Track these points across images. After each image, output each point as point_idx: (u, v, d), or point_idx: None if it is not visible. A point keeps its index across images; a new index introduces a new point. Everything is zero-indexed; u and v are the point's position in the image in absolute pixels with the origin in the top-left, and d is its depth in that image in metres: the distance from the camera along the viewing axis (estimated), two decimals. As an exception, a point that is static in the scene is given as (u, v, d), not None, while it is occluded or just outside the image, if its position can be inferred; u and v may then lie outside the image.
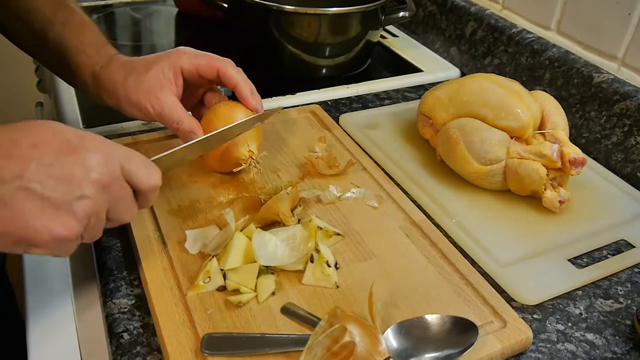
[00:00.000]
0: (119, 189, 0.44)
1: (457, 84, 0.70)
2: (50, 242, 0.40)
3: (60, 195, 0.40)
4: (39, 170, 0.39)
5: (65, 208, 0.40)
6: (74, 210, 0.41)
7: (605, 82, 0.75)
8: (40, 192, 0.39)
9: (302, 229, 0.55)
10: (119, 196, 0.44)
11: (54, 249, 0.41)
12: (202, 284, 0.50)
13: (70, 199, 0.40)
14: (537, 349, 0.50)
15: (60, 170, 0.40)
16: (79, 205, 0.41)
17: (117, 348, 0.47)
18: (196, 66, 0.60)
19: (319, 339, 0.43)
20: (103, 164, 0.42)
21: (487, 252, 0.58)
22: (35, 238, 0.39)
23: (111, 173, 0.43)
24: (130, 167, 0.45)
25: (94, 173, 0.41)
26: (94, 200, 0.42)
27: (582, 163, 0.62)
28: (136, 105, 0.59)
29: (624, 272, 0.59)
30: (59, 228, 0.40)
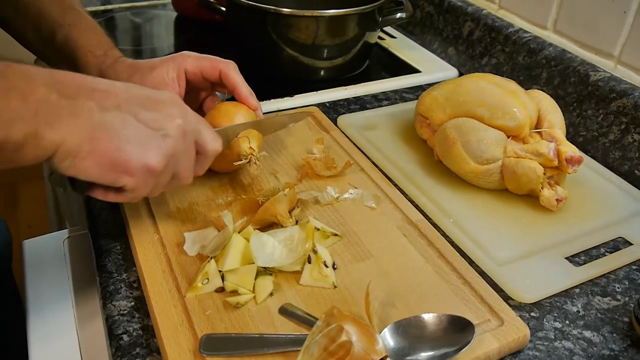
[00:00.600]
0: (190, 143, 0.49)
1: (454, 84, 0.70)
2: (139, 170, 0.45)
3: (150, 130, 0.45)
4: (133, 106, 0.45)
5: (154, 141, 0.45)
6: (160, 146, 0.45)
7: (602, 80, 0.75)
8: (134, 124, 0.44)
9: (299, 230, 0.55)
10: (188, 150, 0.49)
11: (140, 179, 0.45)
12: (200, 286, 0.50)
13: (159, 134, 0.45)
14: (534, 347, 0.50)
15: (150, 109, 0.46)
16: (164, 142, 0.46)
17: (116, 349, 0.48)
18: (200, 68, 0.62)
19: (316, 338, 0.43)
20: (183, 115, 0.48)
21: (485, 251, 0.59)
22: (128, 162, 0.44)
23: (188, 125, 0.48)
24: (201, 128, 0.50)
25: (178, 119, 0.47)
26: (175, 141, 0.47)
27: (578, 161, 0.62)
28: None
29: (622, 269, 0.59)
30: (148, 157, 0.45)
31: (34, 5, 0.64)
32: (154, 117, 0.46)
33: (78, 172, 0.43)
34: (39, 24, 0.64)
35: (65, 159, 0.42)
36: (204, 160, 0.52)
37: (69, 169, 0.42)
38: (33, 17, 0.64)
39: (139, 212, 0.59)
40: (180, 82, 0.62)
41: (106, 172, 0.43)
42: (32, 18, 0.64)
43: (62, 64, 0.65)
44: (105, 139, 0.42)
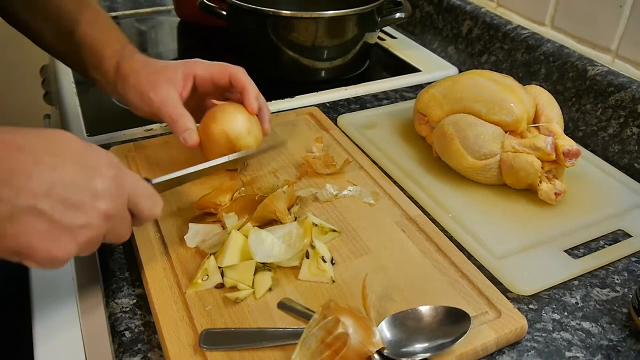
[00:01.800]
0: (121, 218, 0.46)
1: (452, 81, 0.71)
2: (45, 261, 0.42)
3: (66, 221, 0.41)
4: (54, 193, 0.41)
5: (68, 233, 0.42)
6: (76, 237, 0.42)
7: (600, 74, 0.75)
8: (50, 215, 0.41)
9: (297, 226, 0.56)
10: (119, 224, 0.46)
11: (47, 265, 0.42)
12: (200, 282, 0.51)
13: (76, 225, 0.42)
14: (532, 338, 0.51)
15: (72, 196, 0.42)
16: (81, 233, 0.42)
17: (119, 346, 0.49)
18: (210, 73, 0.64)
19: (312, 331, 0.44)
20: (112, 196, 0.44)
21: (483, 245, 0.59)
22: (33, 255, 0.41)
23: (118, 205, 0.45)
24: (137, 198, 0.47)
25: (103, 204, 0.43)
26: (97, 228, 0.43)
27: (576, 154, 0.62)
28: (141, 92, 0.62)
29: (621, 261, 0.59)
30: (58, 251, 0.41)
31: (53, 5, 0.66)
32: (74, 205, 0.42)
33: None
34: (58, 23, 0.66)
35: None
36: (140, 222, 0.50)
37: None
38: (52, 16, 0.66)
39: (141, 212, 0.60)
40: (185, 84, 0.64)
41: (9, 256, 0.41)
42: (51, 17, 0.66)
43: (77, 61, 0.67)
44: (12, 234, 0.40)
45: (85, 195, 0.42)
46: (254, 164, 0.69)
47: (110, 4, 1.25)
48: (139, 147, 0.71)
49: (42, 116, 1.13)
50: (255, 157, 0.68)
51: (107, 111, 0.84)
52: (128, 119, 0.79)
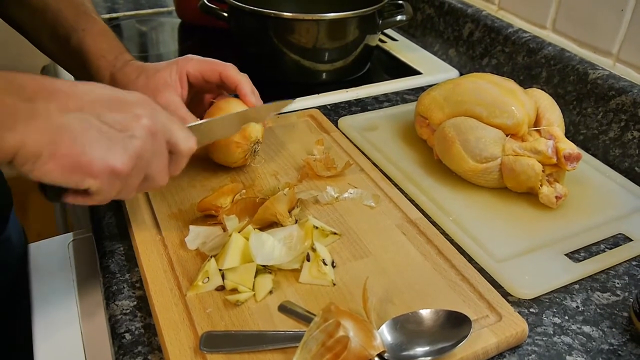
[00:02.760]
0: (160, 144, 0.48)
1: (453, 84, 0.71)
2: (103, 172, 0.43)
3: (114, 132, 0.44)
4: (97, 108, 0.43)
5: (119, 143, 0.44)
6: (127, 147, 0.44)
7: (601, 78, 0.75)
8: (98, 125, 0.43)
9: (298, 229, 0.56)
10: (159, 150, 0.48)
11: (105, 182, 0.44)
12: (201, 284, 0.51)
13: (124, 136, 0.44)
14: (533, 342, 0.50)
15: (115, 110, 0.44)
16: (130, 143, 0.44)
17: (119, 348, 0.49)
18: (200, 70, 0.64)
19: (313, 334, 0.44)
20: (150, 115, 0.46)
21: (484, 248, 0.59)
22: (90, 166, 0.42)
23: (157, 125, 0.47)
24: (173, 128, 0.49)
25: (145, 119, 0.46)
26: (143, 142, 0.45)
27: (577, 158, 0.62)
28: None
29: (622, 265, 0.59)
30: (112, 159, 0.43)
31: (51, 11, 0.66)
32: (119, 119, 0.44)
33: (40, 176, 0.42)
34: (55, 29, 0.66)
35: (25, 163, 0.41)
36: (178, 160, 0.51)
37: (31, 173, 0.41)
38: (49, 22, 0.66)
39: (141, 214, 0.60)
40: (182, 83, 0.64)
41: (69, 175, 0.42)
42: (48, 23, 0.66)
43: (76, 68, 0.68)
44: (67, 141, 0.41)
45: (127, 114, 0.45)
46: (253, 165, 0.69)
47: (111, 5, 1.25)
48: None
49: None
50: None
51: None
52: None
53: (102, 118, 0.43)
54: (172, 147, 0.49)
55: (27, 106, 0.41)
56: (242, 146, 0.63)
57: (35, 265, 0.61)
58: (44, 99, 0.41)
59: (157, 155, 0.47)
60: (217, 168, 0.68)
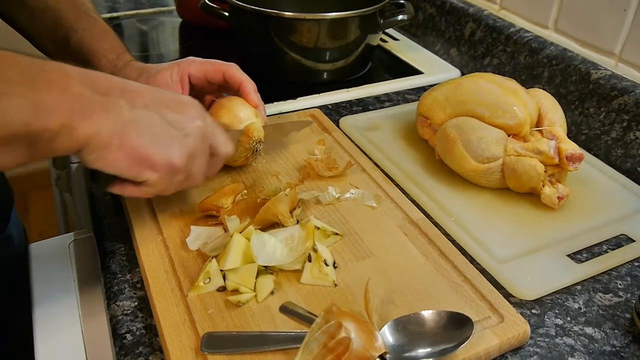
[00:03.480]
0: (206, 145, 0.52)
1: (454, 84, 0.70)
2: (163, 166, 0.47)
3: (174, 129, 0.48)
4: (160, 107, 0.48)
5: (177, 140, 0.48)
6: (183, 145, 0.48)
7: (603, 78, 0.75)
8: (161, 122, 0.47)
9: (300, 229, 0.56)
10: (204, 150, 0.52)
11: (163, 175, 0.48)
12: (202, 285, 0.51)
13: (181, 134, 0.48)
14: (535, 343, 0.50)
15: (175, 110, 0.49)
16: (186, 141, 0.49)
17: (120, 349, 0.48)
18: (204, 71, 0.65)
19: (315, 335, 0.44)
20: (202, 118, 0.51)
21: (486, 248, 0.59)
22: (153, 158, 0.47)
23: (207, 128, 0.51)
24: (216, 132, 0.53)
25: (199, 121, 0.50)
26: (195, 141, 0.50)
27: (579, 158, 0.62)
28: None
29: (624, 266, 0.59)
30: (172, 155, 0.48)
31: (51, 10, 0.66)
32: (178, 118, 0.49)
33: (105, 164, 0.45)
34: (55, 29, 0.66)
35: (94, 151, 0.44)
36: (216, 163, 0.55)
37: (96, 161, 0.45)
38: (49, 22, 0.66)
39: (142, 214, 0.60)
40: (183, 85, 0.64)
41: (132, 165, 0.46)
42: (48, 23, 0.66)
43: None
44: (134, 134, 0.45)
45: (183, 114, 0.49)
46: (255, 165, 0.69)
47: (112, 5, 1.25)
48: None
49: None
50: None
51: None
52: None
53: (164, 116, 0.48)
54: (213, 150, 0.53)
55: (102, 99, 0.44)
56: (244, 145, 0.63)
57: (36, 265, 0.61)
58: (115, 95, 0.45)
59: (202, 155, 0.51)
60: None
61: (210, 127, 0.52)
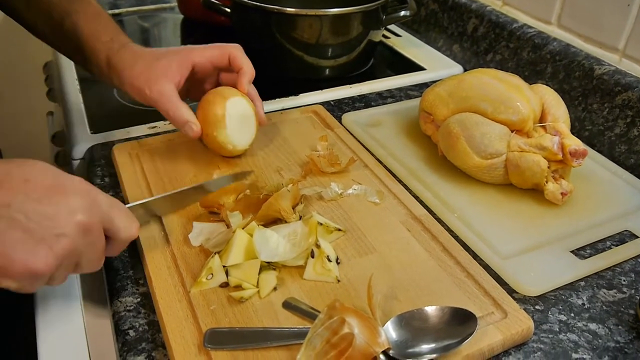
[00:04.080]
0: (96, 236, 0.45)
1: (457, 80, 0.70)
2: (22, 275, 0.40)
3: (42, 230, 0.40)
4: (27, 203, 0.40)
5: (45, 243, 0.41)
6: (53, 247, 0.41)
7: (607, 74, 0.75)
8: (24, 224, 0.40)
9: (302, 225, 0.55)
10: (94, 243, 0.45)
11: (23, 282, 0.41)
12: (205, 281, 0.51)
13: (52, 234, 0.41)
14: (539, 339, 0.50)
15: (46, 206, 0.41)
16: (58, 243, 0.41)
17: (123, 344, 0.48)
18: (209, 58, 0.64)
19: (318, 331, 0.44)
20: (88, 209, 0.43)
21: (489, 245, 0.59)
22: (9, 268, 0.40)
23: (93, 219, 0.44)
24: (113, 216, 0.46)
25: (79, 215, 0.42)
26: (73, 241, 0.42)
27: (583, 154, 0.62)
28: (137, 89, 0.62)
29: (628, 262, 0.59)
30: (35, 262, 0.40)
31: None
32: (50, 213, 0.41)
33: None
34: (49, 14, 0.66)
35: None
36: (117, 245, 0.49)
37: None
38: (44, 7, 0.66)
39: (145, 210, 0.60)
40: (182, 73, 0.63)
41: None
42: (43, 8, 0.66)
43: (72, 52, 0.67)
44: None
45: (60, 208, 0.42)
46: (257, 161, 0.69)
47: (113, 1, 1.25)
48: (143, 144, 0.71)
49: (45, 113, 1.13)
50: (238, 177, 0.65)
51: (110, 108, 0.84)
52: (132, 116, 0.79)
53: (30, 215, 0.40)
54: (111, 234, 0.47)
55: None
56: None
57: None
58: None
59: (90, 247, 0.44)
60: (221, 164, 0.68)
61: (100, 214, 0.45)
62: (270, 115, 0.78)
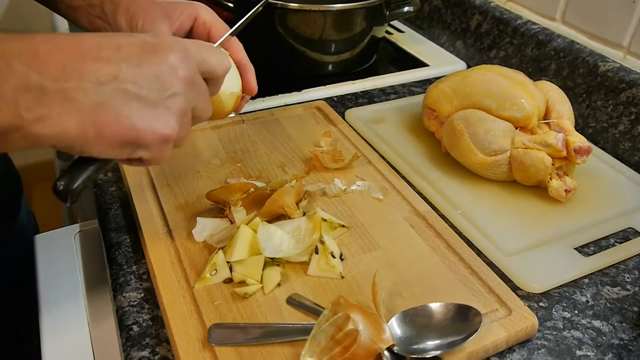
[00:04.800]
0: (200, 84, 0.45)
1: (461, 76, 0.70)
2: (154, 142, 0.41)
3: (155, 94, 0.41)
4: (130, 71, 0.40)
5: (162, 106, 0.41)
6: (170, 108, 0.42)
7: (611, 70, 0.75)
8: (137, 93, 0.40)
9: (306, 221, 0.55)
10: (199, 92, 0.45)
11: (157, 149, 0.42)
12: (209, 277, 0.51)
13: (165, 96, 0.41)
14: (543, 336, 0.50)
15: (149, 69, 0.41)
16: (173, 103, 0.42)
17: (127, 340, 0.48)
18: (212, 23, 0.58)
19: (322, 327, 0.44)
20: (185, 60, 0.43)
21: (493, 241, 0.59)
22: (140, 138, 0.40)
23: (193, 68, 0.44)
24: (205, 56, 0.46)
25: (181, 70, 0.42)
26: (185, 96, 0.43)
27: (587, 151, 0.62)
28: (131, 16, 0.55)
29: (632, 259, 0.59)
30: (160, 127, 0.41)
31: None
32: (156, 75, 0.41)
33: (91, 154, 0.40)
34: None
35: (70, 148, 0.39)
36: (216, 83, 0.49)
37: (80, 153, 0.40)
38: None
39: (148, 205, 0.60)
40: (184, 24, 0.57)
41: (120, 150, 0.41)
42: None
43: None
44: (110, 119, 0.39)
45: (160, 66, 0.41)
46: (260, 157, 0.68)
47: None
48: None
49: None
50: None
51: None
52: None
53: (139, 82, 0.40)
54: (209, 75, 0.47)
55: (58, 88, 0.36)
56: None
57: (41, 257, 0.61)
58: (74, 77, 0.37)
59: (198, 97, 0.45)
60: (225, 159, 0.67)
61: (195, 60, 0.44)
62: (274, 111, 0.78)
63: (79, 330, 0.53)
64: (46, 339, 0.52)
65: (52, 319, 0.54)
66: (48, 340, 0.52)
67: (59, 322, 0.53)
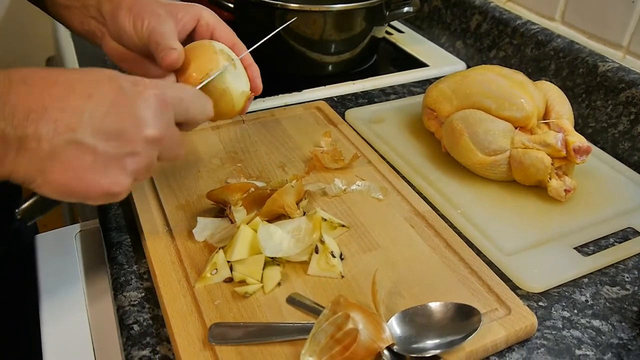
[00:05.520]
0: (171, 137, 0.44)
1: (461, 76, 0.70)
2: (100, 197, 0.41)
3: (112, 150, 0.40)
4: (92, 123, 0.39)
5: (115, 165, 0.40)
6: (125, 167, 0.41)
7: (611, 70, 0.75)
8: (92, 147, 0.39)
9: (306, 221, 0.55)
10: (169, 143, 0.44)
11: (105, 201, 0.42)
12: (209, 276, 0.51)
13: (122, 153, 0.40)
14: (542, 335, 0.50)
15: (113, 124, 0.40)
16: (129, 162, 0.41)
17: (127, 339, 0.49)
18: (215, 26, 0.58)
19: (322, 326, 0.44)
20: (156, 116, 0.42)
21: (492, 241, 0.59)
22: (87, 192, 0.40)
23: (163, 125, 0.42)
24: (187, 107, 0.45)
25: (148, 128, 0.41)
26: (145, 154, 0.42)
27: (587, 151, 0.62)
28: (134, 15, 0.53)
29: (631, 259, 0.59)
30: (108, 184, 0.40)
31: None
32: (117, 135, 0.40)
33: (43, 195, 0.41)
34: None
35: (22, 183, 0.40)
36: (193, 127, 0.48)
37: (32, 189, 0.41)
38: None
39: (148, 205, 0.60)
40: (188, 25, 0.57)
41: (67, 198, 0.41)
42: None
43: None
44: (57, 170, 0.39)
45: (128, 122, 0.40)
46: (261, 157, 0.68)
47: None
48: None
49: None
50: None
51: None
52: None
53: (97, 136, 0.39)
54: (187, 123, 0.46)
55: (19, 133, 0.37)
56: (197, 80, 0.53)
57: (42, 257, 0.61)
58: (35, 122, 0.38)
59: (164, 150, 0.44)
60: (225, 159, 0.68)
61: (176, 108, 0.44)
62: (274, 111, 0.78)
63: (80, 329, 0.53)
64: (47, 338, 0.52)
65: (53, 318, 0.54)
66: (49, 339, 0.52)
67: (59, 321, 0.53)
